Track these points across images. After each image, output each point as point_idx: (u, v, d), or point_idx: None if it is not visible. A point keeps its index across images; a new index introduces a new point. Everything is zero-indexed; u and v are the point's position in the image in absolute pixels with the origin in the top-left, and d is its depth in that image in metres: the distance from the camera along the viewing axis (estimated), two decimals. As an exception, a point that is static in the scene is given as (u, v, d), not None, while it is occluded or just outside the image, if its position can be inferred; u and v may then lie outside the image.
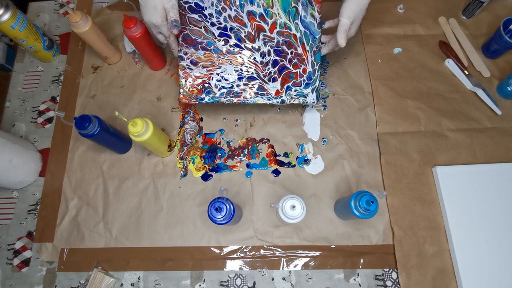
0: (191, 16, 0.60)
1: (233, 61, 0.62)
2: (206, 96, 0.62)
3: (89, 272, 0.62)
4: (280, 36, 0.61)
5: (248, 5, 0.60)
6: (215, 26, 0.61)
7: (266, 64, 0.62)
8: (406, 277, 0.59)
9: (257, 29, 0.61)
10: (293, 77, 0.63)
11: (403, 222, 0.62)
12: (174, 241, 0.64)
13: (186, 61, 0.62)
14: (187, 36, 0.61)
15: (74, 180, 0.69)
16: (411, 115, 0.70)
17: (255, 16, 0.60)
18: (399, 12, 0.79)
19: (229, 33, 0.61)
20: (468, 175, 0.63)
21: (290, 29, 0.61)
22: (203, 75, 0.62)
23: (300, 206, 0.54)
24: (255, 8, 0.60)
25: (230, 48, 0.62)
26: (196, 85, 0.62)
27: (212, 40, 0.61)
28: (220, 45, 0.61)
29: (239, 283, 0.61)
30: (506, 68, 0.73)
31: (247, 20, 0.61)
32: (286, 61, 0.62)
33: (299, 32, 0.61)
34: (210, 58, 0.62)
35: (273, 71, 0.63)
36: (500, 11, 0.78)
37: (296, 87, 0.63)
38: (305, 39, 0.61)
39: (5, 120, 0.75)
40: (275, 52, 0.62)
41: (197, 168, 0.68)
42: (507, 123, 0.68)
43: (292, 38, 0.61)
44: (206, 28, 0.61)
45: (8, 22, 0.67)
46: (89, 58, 0.79)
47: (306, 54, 0.62)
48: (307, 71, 0.63)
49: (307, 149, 0.68)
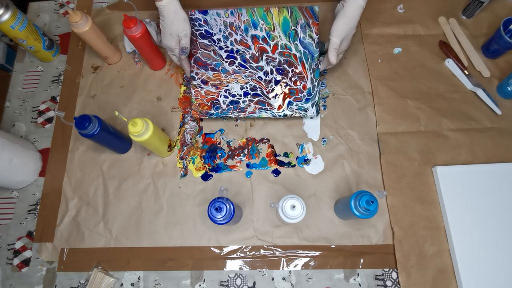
0: (201, 41, 0.68)
1: (239, 80, 0.68)
2: (215, 111, 0.68)
3: (89, 272, 0.62)
4: (282, 56, 0.67)
5: (252, 29, 0.68)
6: (222, 49, 0.68)
7: (269, 82, 0.67)
8: (406, 277, 0.59)
9: (260, 50, 0.68)
10: (294, 93, 0.67)
11: (403, 222, 0.62)
12: (174, 241, 0.64)
13: (197, 81, 0.68)
14: (198, 59, 0.69)
15: (74, 180, 0.69)
16: (411, 115, 0.70)
17: (258, 39, 0.68)
18: (399, 12, 0.79)
19: (235, 55, 0.68)
20: (468, 175, 0.63)
21: (290, 49, 0.67)
22: (212, 93, 0.68)
23: (300, 206, 0.54)
24: (258, 32, 0.68)
25: (236, 68, 0.68)
26: (206, 102, 0.68)
27: (220, 61, 0.68)
28: (227, 66, 0.68)
29: (239, 283, 0.61)
30: (506, 68, 0.73)
31: (251, 43, 0.68)
32: (287, 78, 0.67)
33: (298, 52, 0.67)
34: (218, 78, 0.68)
35: (276, 88, 0.68)
36: (500, 11, 0.78)
37: (297, 102, 0.67)
38: (304, 58, 0.67)
39: (5, 120, 0.75)
40: (277, 70, 0.67)
41: (197, 168, 0.68)
42: (507, 123, 0.68)
43: (293, 57, 0.67)
44: (215, 51, 0.68)
45: (8, 22, 0.67)
46: (89, 58, 0.79)
47: (306, 72, 0.67)
48: (307, 87, 0.67)
49: (307, 149, 0.68)
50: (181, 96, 0.74)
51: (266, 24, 0.67)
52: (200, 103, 0.68)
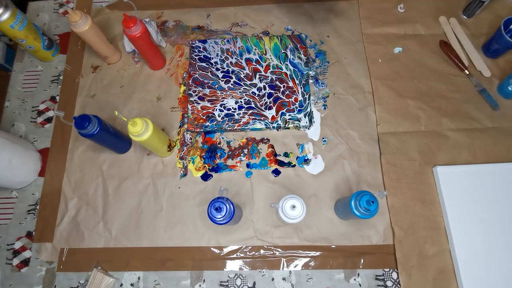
0: (200, 64, 0.75)
1: (234, 96, 0.72)
2: (210, 124, 0.70)
3: (88, 272, 0.62)
4: (273, 74, 0.74)
5: (246, 53, 0.76)
6: (219, 70, 0.75)
7: (262, 96, 0.72)
8: (407, 277, 0.59)
9: (254, 71, 0.74)
10: (286, 105, 0.71)
11: (404, 222, 0.62)
12: (174, 241, 0.63)
13: (195, 97, 0.73)
14: (196, 79, 0.74)
15: (74, 180, 0.69)
16: (412, 115, 0.70)
17: (252, 62, 0.75)
18: (399, 11, 0.79)
19: (230, 75, 0.74)
20: (469, 175, 0.63)
21: (281, 68, 0.74)
22: (208, 107, 0.72)
23: (300, 206, 0.53)
24: (252, 56, 0.76)
25: (231, 86, 0.73)
26: (202, 116, 0.71)
27: (216, 80, 0.74)
28: (223, 84, 0.73)
29: (239, 283, 0.61)
30: (507, 67, 0.73)
31: (245, 65, 0.75)
32: (279, 93, 0.72)
33: (289, 70, 0.74)
34: (214, 94, 0.73)
35: (269, 101, 0.71)
36: (501, 10, 0.78)
37: (290, 113, 0.70)
38: (294, 75, 0.73)
39: (5, 120, 0.75)
40: (270, 87, 0.73)
41: (197, 168, 0.68)
42: (508, 123, 0.68)
43: (283, 75, 0.74)
44: (212, 72, 0.75)
45: (7, 22, 0.67)
46: (88, 58, 0.79)
47: (297, 87, 0.72)
48: (298, 99, 0.71)
49: (307, 149, 0.68)
50: (181, 96, 0.74)
51: (258, 49, 0.76)
52: (196, 117, 0.71)
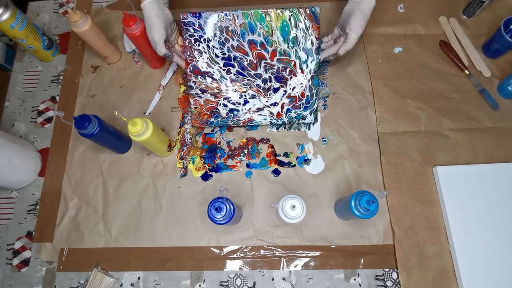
0: (197, 48, 0.65)
1: (238, 89, 0.67)
2: (215, 120, 0.68)
3: (88, 272, 0.62)
4: (280, 63, 0.65)
5: (249, 34, 0.64)
6: (219, 57, 0.65)
7: (268, 90, 0.67)
8: (407, 277, 0.59)
9: (259, 57, 0.65)
10: (292, 100, 0.67)
11: (404, 222, 0.62)
12: (174, 241, 0.63)
13: (196, 90, 0.67)
14: (194, 67, 0.66)
15: (74, 180, 0.69)
16: (412, 114, 0.70)
17: (256, 45, 0.64)
18: (399, 11, 0.79)
19: (232, 63, 0.66)
20: (469, 175, 0.63)
21: (289, 55, 0.65)
22: (211, 102, 0.68)
23: (300, 206, 0.53)
24: (256, 37, 0.64)
25: (234, 77, 0.66)
26: (206, 111, 0.68)
27: (218, 69, 0.66)
28: (225, 74, 0.66)
29: (239, 283, 0.61)
30: (507, 67, 0.73)
31: (248, 49, 0.65)
32: (286, 86, 0.67)
33: (298, 59, 0.65)
34: (217, 86, 0.67)
35: (274, 96, 0.67)
36: (501, 10, 0.77)
37: (295, 109, 0.67)
38: (303, 65, 0.66)
39: (5, 120, 0.75)
40: (276, 78, 0.66)
41: (197, 168, 0.68)
42: (508, 123, 0.68)
43: (292, 65, 0.65)
44: (211, 58, 0.65)
45: (7, 22, 0.67)
46: (88, 58, 0.79)
47: (304, 80, 0.66)
48: (305, 95, 0.67)
49: (307, 149, 0.68)
50: (181, 96, 0.74)
51: (264, 28, 0.63)
52: (200, 112, 0.68)
